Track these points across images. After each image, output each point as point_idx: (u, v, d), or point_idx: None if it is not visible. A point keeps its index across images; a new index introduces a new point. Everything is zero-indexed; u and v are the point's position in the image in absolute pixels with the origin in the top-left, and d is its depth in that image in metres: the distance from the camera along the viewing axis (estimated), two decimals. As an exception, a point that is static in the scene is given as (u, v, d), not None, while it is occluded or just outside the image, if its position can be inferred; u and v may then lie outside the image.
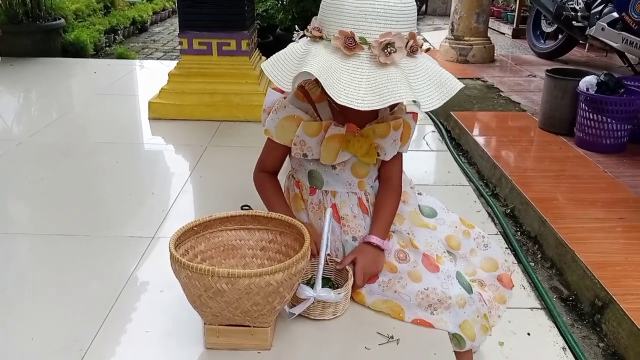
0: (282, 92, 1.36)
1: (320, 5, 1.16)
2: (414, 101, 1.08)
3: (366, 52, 1.08)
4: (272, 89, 1.40)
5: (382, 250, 1.32)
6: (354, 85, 1.06)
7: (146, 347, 1.23)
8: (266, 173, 1.45)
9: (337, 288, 1.27)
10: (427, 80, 1.11)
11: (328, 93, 1.04)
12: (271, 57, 1.20)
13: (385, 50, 1.06)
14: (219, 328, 1.15)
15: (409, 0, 1.10)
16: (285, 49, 1.20)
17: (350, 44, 1.07)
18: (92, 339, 1.26)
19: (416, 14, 1.15)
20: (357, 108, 1.04)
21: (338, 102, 1.04)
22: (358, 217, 1.38)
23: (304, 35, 1.20)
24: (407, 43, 1.09)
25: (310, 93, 1.31)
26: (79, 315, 1.36)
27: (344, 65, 1.08)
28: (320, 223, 1.37)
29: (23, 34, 4.65)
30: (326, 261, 1.26)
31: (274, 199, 1.41)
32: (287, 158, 1.44)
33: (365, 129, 1.30)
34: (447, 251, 1.40)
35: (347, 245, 1.38)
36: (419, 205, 1.48)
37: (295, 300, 1.23)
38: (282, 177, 1.48)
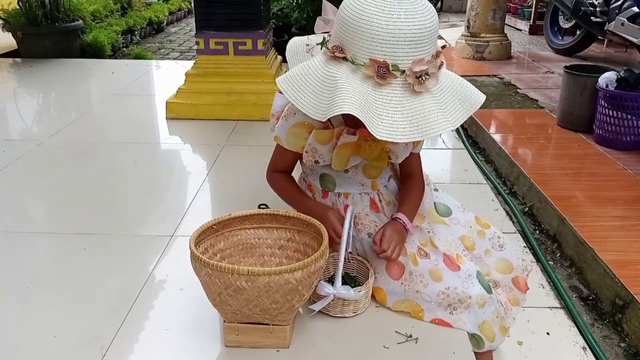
0: None
1: (339, 22, 1.07)
2: None
3: (399, 79, 1.03)
4: (280, 92, 1.36)
5: (407, 230, 1.31)
6: (390, 115, 1.02)
7: (166, 345, 1.24)
8: (280, 172, 1.45)
9: (359, 285, 1.26)
10: (452, 97, 1.08)
11: (370, 130, 1.01)
12: (286, 76, 1.11)
13: (420, 79, 1.03)
14: (238, 326, 1.16)
15: (432, 17, 1.04)
16: (301, 65, 1.12)
17: (384, 73, 1.02)
18: (113, 337, 1.28)
19: (438, 27, 1.09)
20: (396, 141, 1.02)
21: (379, 137, 1.01)
22: (371, 215, 1.38)
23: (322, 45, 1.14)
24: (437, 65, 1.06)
25: None
26: (100, 313, 1.38)
27: (378, 95, 1.03)
28: None
29: (42, 35, 4.71)
30: (347, 259, 1.25)
31: (297, 195, 1.40)
32: (298, 162, 1.44)
33: None
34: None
35: (363, 243, 1.38)
36: (434, 203, 1.47)
37: (316, 297, 1.23)
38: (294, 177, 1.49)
